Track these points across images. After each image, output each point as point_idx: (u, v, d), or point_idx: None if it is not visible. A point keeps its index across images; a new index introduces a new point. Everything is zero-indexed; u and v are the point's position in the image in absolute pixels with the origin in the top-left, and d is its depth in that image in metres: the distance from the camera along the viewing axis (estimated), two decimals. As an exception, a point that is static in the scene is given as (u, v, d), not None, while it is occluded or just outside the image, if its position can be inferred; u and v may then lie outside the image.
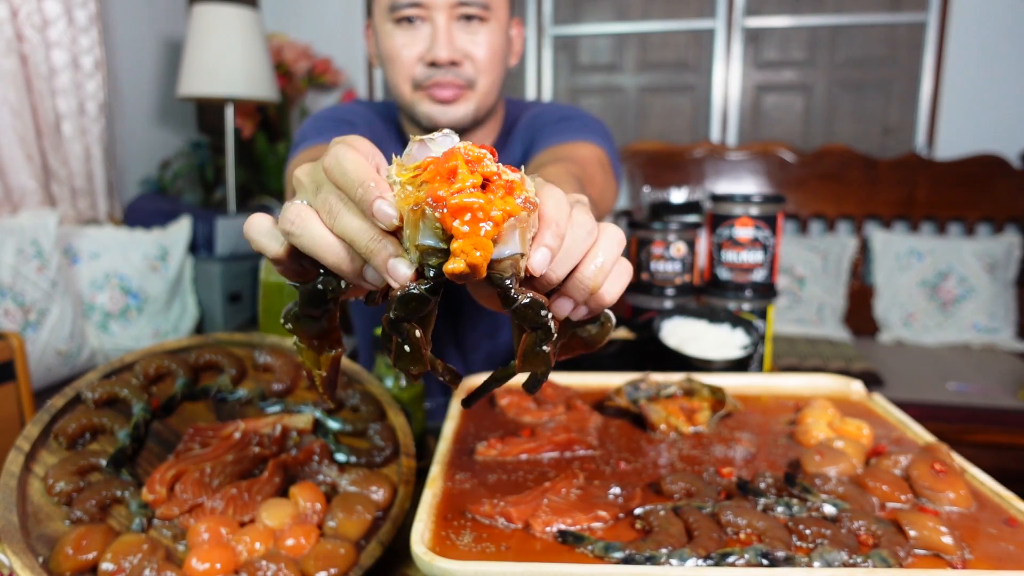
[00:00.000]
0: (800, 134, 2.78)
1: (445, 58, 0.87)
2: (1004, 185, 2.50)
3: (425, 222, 0.33)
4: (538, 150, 0.94)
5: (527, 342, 0.38)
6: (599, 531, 0.46)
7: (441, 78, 0.88)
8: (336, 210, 0.35)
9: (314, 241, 0.35)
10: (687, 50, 2.83)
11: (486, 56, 0.90)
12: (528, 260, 0.35)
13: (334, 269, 0.36)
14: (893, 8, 2.63)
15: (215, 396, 0.67)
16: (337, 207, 0.35)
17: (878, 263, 2.54)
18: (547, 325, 0.36)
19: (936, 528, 0.44)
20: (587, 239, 0.37)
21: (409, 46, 0.88)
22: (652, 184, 2.71)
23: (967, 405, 1.89)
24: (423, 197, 0.33)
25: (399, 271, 0.34)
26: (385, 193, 0.34)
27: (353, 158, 0.35)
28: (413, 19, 0.88)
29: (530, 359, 0.38)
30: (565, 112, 1.00)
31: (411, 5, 0.87)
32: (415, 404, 0.76)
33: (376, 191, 0.33)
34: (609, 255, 0.38)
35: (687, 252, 0.95)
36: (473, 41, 0.89)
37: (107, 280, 2.00)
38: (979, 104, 2.56)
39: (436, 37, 0.87)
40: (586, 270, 0.37)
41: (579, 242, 0.37)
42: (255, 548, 0.51)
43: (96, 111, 2.20)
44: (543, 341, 0.37)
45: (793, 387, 0.73)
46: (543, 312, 0.36)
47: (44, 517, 0.53)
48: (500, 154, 1.01)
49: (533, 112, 1.03)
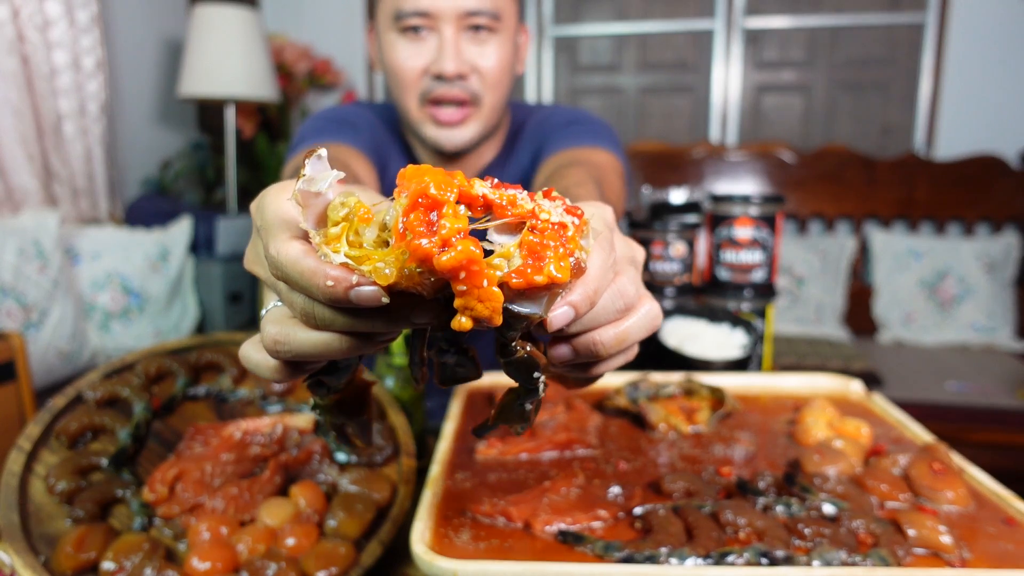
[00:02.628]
0: (799, 134, 2.79)
1: (452, 72, 0.83)
2: (1003, 185, 2.50)
3: (427, 274, 0.27)
4: (549, 153, 0.90)
5: (508, 395, 0.34)
6: (599, 530, 0.46)
7: (447, 91, 0.85)
8: (311, 310, 0.30)
9: (306, 349, 0.31)
10: (687, 51, 2.83)
11: (495, 69, 0.86)
12: (547, 314, 0.30)
13: (344, 356, 0.31)
14: (892, 9, 2.63)
15: (216, 396, 0.67)
16: (310, 307, 0.30)
17: (877, 263, 2.54)
18: (536, 387, 0.32)
19: (935, 527, 0.44)
20: (620, 312, 0.33)
21: (414, 58, 0.85)
22: (652, 184, 2.71)
23: (966, 405, 1.89)
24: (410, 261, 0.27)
25: (423, 318, 0.30)
26: (350, 279, 0.27)
27: (287, 252, 0.29)
28: (419, 29, 0.84)
29: (506, 413, 0.34)
30: (574, 115, 0.97)
31: (417, 15, 0.83)
32: (415, 404, 0.76)
33: (340, 286, 0.27)
34: (635, 332, 0.34)
35: (687, 252, 0.95)
36: (481, 53, 0.85)
37: (108, 280, 2.00)
38: (978, 104, 2.56)
39: (443, 49, 0.83)
40: (606, 334, 0.33)
41: (609, 312, 0.33)
42: (255, 547, 0.52)
43: (97, 111, 2.20)
44: (526, 399, 0.33)
45: (792, 387, 0.74)
46: (535, 374, 0.32)
47: (45, 516, 0.53)
48: (507, 160, 0.98)
49: (540, 116, 1.00)
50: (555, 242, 0.28)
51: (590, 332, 0.33)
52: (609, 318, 0.33)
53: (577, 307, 0.31)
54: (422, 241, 0.26)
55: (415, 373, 0.36)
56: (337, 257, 0.28)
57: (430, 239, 0.26)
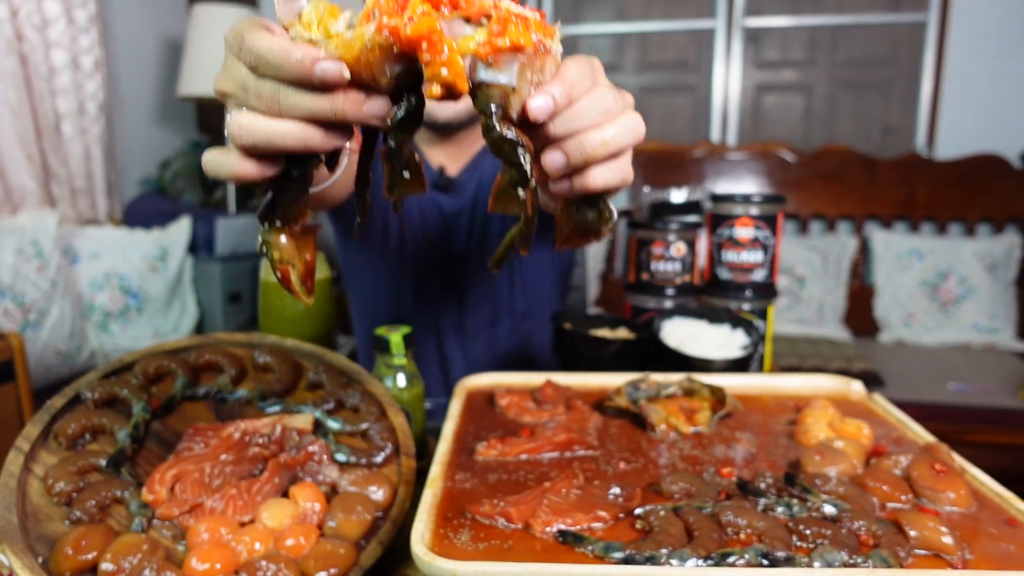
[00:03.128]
0: (800, 134, 2.78)
1: None
2: (1004, 185, 2.50)
3: (390, 53, 0.32)
4: None
5: (502, 180, 0.36)
6: (599, 531, 0.46)
7: None
8: (276, 95, 0.33)
9: (267, 134, 0.34)
10: (687, 50, 2.83)
11: None
12: (527, 100, 0.34)
13: (300, 149, 0.35)
14: (893, 8, 2.63)
15: (215, 396, 0.67)
16: (276, 92, 0.33)
17: (878, 263, 2.54)
18: (521, 165, 0.35)
19: (936, 528, 0.44)
20: (602, 114, 0.36)
21: None
22: (652, 184, 2.71)
23: (967, 405, 1.89)
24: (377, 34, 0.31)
25: (376, 108, 0.34)
26: (317, 53, 0.32)
27: (262, 38, 0.33)
28: None
29: (503, 199, 0.37)
30: None
31: None
32: (415, 404, 0.76)
33: (307, 58, 0.32)
34: (621, 136, 0.36)
35: (687, 252, 0.95)
36: None
37: (107, 280, 2.00)
38: (979, 104, 2.56)
39: None
40: (591, 135, 0.36)
41: (591, 112, 0.36)
42: (255, 548, 0.51)
43: (96, 111, 2.20)
44: (517, 183, 0.35)
45: (793, 387, 0.73)
46: (519, 150, 0.34)
47: (44, 517, 0.53)
48: None
49: None
50: (519, 24, 0.33)
51: (576, 135, 0.36)
52: (592, 120, 0.36)
53: (555, 97, 0.34)
54: (393, 20, 0.31)
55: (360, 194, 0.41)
56: (307, 34, 0.33)
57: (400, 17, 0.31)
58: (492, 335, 1.08)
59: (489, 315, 1.06)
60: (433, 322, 1.06)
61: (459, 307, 1.06)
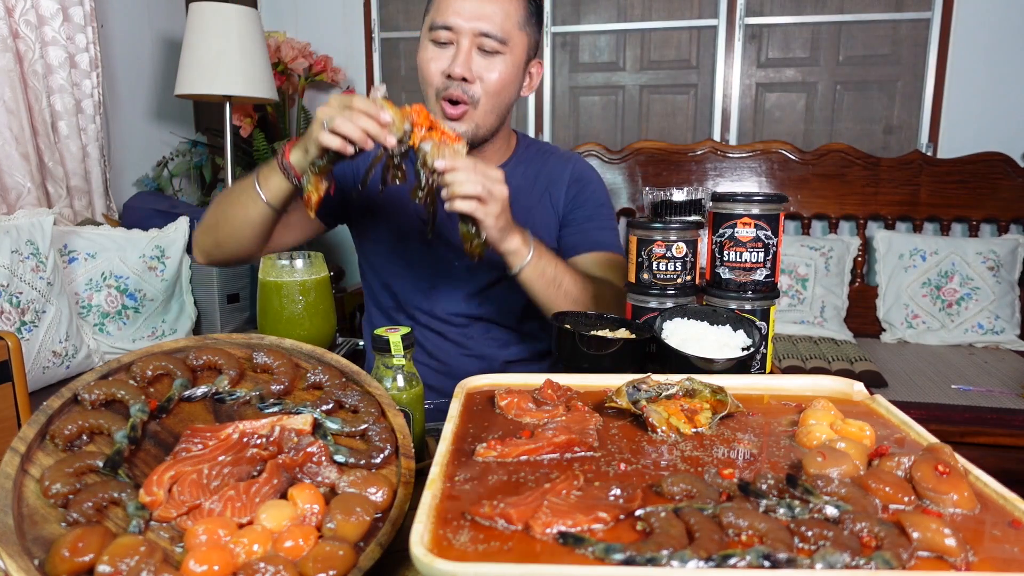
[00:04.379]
0: (802, 133, 2.78)
1: (459, 74, 1.08)
2: (1008, 185, 2.49)
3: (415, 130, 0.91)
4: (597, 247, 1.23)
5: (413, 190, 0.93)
6: (599, 532, 0.46)
7: (454, 91, 1.09)
8: (355, 117, 0.88)
9: (346, 129, 0.87)
10: (689, 48, 2.82)
11: (495, 81, 1.11)
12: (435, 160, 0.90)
13: (354, 140, 0.88)
14: (896, 6, 2.62)
15: (213, 397, 0.67)
16: (357, 116, 0.88)
17: (881, 263, 2.53)
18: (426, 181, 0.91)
19: (939, 530, 0.43)
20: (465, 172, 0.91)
21: (436, 60, 1.11)
22: (653, 183, 2.71)
23: (970, 406, 1.88)
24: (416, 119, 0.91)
25: (391, 140, 0.89)
26: (384, 116, 0.88)
27: (360, 98, 0.90)
28: (444, 42, 1.10)
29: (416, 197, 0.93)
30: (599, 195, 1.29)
31: (443, 28, 1.09)
32: (415, 404, 0.76)
33: (381, 112, 0.88)
34: (467, 184, 0.91)
35: (688, 252, 0.95)
36: (487, 66, 1.10)
37: (104, 280, 2.00)
38: (983, 103, 2.55)
39: (456, 57, 1.08)
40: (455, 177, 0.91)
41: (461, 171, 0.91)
42: (253, 550, 0.51)
43: (93, 110, 2.19)
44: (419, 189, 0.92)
45: (795, 388, 0.73)
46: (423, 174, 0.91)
47: (40, 519, 0.53)
48: (513, 170, 1.25)
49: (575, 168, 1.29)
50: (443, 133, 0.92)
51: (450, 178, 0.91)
52: (458, 177, 0.91)
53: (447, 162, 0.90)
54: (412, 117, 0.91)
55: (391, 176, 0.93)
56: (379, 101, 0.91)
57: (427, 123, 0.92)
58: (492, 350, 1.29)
59: None
60: None
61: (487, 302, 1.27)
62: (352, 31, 2.96)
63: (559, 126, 2.97)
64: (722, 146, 2.70)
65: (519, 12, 1.12)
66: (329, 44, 2.94)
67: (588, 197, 1.27)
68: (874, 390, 0.73)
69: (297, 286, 0.83)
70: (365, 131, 0.87)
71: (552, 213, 1.26)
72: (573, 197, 1.27)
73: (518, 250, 1.02)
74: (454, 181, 0.91)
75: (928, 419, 1.75)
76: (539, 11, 1.17)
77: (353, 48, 2.97)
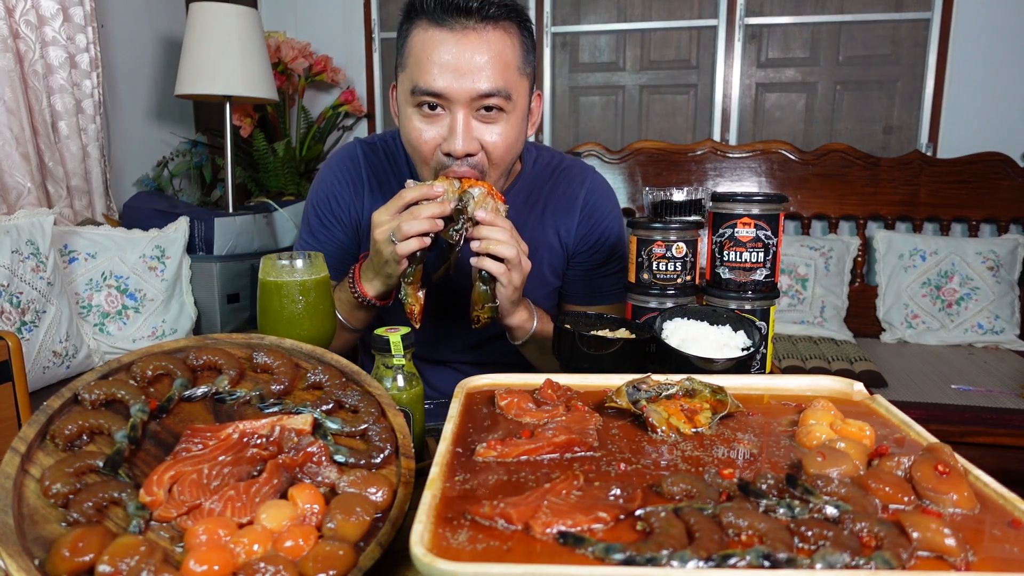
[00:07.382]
0: (802, 133, 2.78)
1: (461, 152, 0.93)
2: (1008, 184, 2.49)
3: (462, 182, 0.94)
4: (612, 301, 1.17)
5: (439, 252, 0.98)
6: (599, 532, 0.46)
7: (456, 168, 0.95)
8: (416, 211, 0.90)
9: (415, 227, 0.89)
10: (688, 48, 2.82)
11: (501, 148, 0.96)
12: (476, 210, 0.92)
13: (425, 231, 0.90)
14: (896, 6, 2.62)
15: (213, 397, 0.67)
16: (416, 209, 0.91)
17: (881, 263, 2.53)
18: (458, 228, 0.91)
19: (939, 530, 0.43)
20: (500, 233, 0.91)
21: (428, 132, 0.94)
22: (653, 183, 2.71)
23: (970, 406, 1.88)
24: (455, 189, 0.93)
25: (450, 207, 0.91)
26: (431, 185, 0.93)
27: (408, 192, 0.93)
28: (434, 107, 0.93)
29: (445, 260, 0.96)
30: (613, 227, 1.18)
31: (432, 95, 0.91)
32: (415, 404, 0.76)
33: (430, 189, 0.92)
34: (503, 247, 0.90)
35: (688, 252, 0.95)
36: (490, 131, 0.94)
37: (104, 280, 2.00)
38: (983, 102, 2.55)
39: (454, 130, 0.92)
40: (490, 232, 0.91)
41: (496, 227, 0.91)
42: (253, 550, 0.51)
43: (93, 110, 2.19)
44: (452, 233, 0.91)
45: (795, 388, 0.73)
46: (462, 219, 0.91)
47: (40, 519, 0.53)
48: (514, 186, 1.17)
49: (588, 194, 1.16)
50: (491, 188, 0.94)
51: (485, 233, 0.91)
52: (494, 233, 0.91)
53: (487, 214, 0.92)
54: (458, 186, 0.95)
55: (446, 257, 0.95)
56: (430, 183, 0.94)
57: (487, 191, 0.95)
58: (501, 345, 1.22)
59: None
60: None
61: None
62: (352, 31, 2.96)
63: (559, 126, 2.97)
64: (722, 146, 2.70)
65: (517, 52, 0.94)
66: (329, 44, 2.94)
67: (601, 233, 1.16)
68: (874, 390, 0.73)
69: (297, 286, 0.82)
70: (431, 216, 0.88)
71: (559, 248, 1.17)
72: (584, 235, 1.16)
73: (523, 325, 0.99)
74: (491, 237, 0.89)
75: (928, 419, 1.75)
76: (532, 36, 1.00)
77: (353, 48, 2.97)
